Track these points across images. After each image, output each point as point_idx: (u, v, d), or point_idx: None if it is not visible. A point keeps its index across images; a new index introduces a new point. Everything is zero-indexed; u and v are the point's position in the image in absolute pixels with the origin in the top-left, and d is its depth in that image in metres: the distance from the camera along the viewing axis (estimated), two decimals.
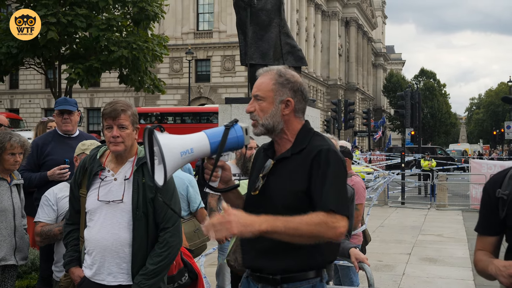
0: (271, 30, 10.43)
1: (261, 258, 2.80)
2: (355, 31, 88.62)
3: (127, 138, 3.54)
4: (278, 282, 2.80)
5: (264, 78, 2.83)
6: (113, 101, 3.65)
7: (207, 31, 53.68)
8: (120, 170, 3.60)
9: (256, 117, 2.79)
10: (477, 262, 2.87)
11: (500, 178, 2.82)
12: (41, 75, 36.63)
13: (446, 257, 10.87)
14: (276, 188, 2.75)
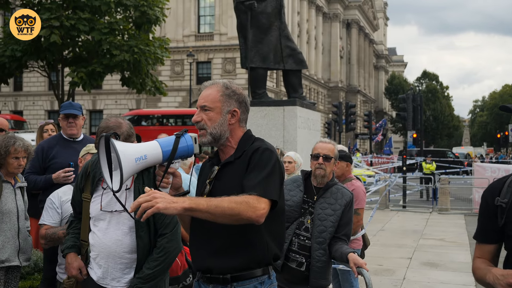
0: (271, 33, 10.47)
1: (212, 258, 2.92)
2: (356, 33, 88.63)
3: None
4: (228, 281, 2.92)
5: (210, 90, 3.01)
6: (106, 119, 3.79)
7: (208, 33, 53.76)
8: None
9: (204, 126, 2.94)
10: (475, 270, 2.88)
11: (499, 186, 2.82)
12: (44, 77, 36.78)
13: (448, 262, 10.83)
14: (221, 190, 2.85)
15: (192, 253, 3.07)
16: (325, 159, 4.53)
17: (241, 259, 2.91)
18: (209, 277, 2.95)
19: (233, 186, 2.85)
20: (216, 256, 2.90)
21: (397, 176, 20.66)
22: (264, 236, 2.94)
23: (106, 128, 3.60)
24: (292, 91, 10.72)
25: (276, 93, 52.39)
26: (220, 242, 2.88)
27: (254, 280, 2.95)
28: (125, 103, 53.69)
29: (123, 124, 3.70)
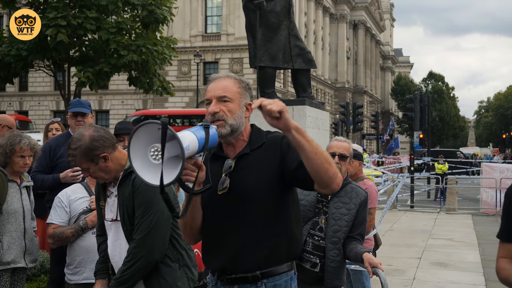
0: (280, 33, 10.38)
1: (235, 257, 2.80)
2: (363, 34, 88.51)
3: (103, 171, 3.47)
4: (259, 278, 2.81)
5: (226, 82, 2.90)
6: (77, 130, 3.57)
7: (215, 33, 53.77)
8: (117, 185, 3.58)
9: (223, 117, 2.81)
10: (500, 270, 2.79)
11: None
12: (50, 77, 36.77)
13: (457, 262, 10.77)
14: (241, 184, 2.79)
15: (207, 255, 2.95)
16: (341, 158, 4.46)
17: (269, 255, 2.82)
18: (233, 278, 2.83)
19: (259, 175, 2.80)
20: (240, 254, 2.79)
21: (405, 176, 20.57)
22: (292, 226, 2.91)
23: (70, 140, 3.45)
24: (301, 91, 10.64)
25: (284, 93, 52.30)
26: (247, 239, 2.78)
27: (284, 275, 2.89)
28: (131, 103, 53.70)
29: (84, 138, 3.41)
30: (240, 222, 2.76)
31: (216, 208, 2.83)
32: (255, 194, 2.77)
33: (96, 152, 3.40)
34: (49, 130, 6.99)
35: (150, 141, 2.40)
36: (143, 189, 3.39)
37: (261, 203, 2.79)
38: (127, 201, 3.43)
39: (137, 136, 2.40)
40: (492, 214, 18.26)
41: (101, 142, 3.43)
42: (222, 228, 2.83)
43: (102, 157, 3.41)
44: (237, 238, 2.79)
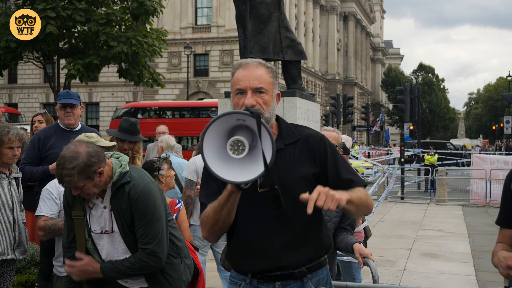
0: (271, 24, 10.35)
1: (282, 255, 2.72)
2: (353, 25, 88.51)
3: (96, 186, 3.38)
4: (305, 274, 2.77)
5: (260, 71, 2.74)
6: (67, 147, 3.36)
7: (206, 25, 53.58)
8: (106, 197, 3.48)
9: (260, 110, 2.63)
10: (493, 254, 2.88)
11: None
12: (39, 69, 36.57)
13: (447, 253, 10.82)
14: (287, 180, 2.67)
15: (243, 256, 2.80)
16: None
17: (313, 249, 2.80)
18: (276, 275, 2.73)
19: (297, 176, 2.71)
20: (285, 253, 2.72)
21: (395, 167, 20.62)
22: (323, 221, 2.94)
23: (62, 158, 3.28)
24: (291, 82, 10.63)
25: None
26: (290, 235, 2.71)
27: (324, 268, 2.88)
28: (121, 95, 53.50)
29: (81, 155, 3.27)
30: (283, 221, 2.67)
31: (255, 207, 2.69)
32: (297, 192, 2.58)
33: (93, 168, 3.29)
34: (33, 122, 6.99)
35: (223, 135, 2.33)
36: (142, 201, 3.37)
37: (299, 201, 2.65)
38: (125, 214, 3.40)
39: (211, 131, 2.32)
40: (482, 205, 18.36)
41: (96, 157, 3.33)
42: (262, 228, 2.72)
43: (98, 172, 3.33)
44: (280, 238, 2.71)
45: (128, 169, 3.47)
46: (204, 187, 2.81)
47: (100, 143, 4.45)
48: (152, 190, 3.46)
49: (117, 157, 3.55)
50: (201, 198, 2.81)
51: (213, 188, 2.73)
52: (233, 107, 2.74)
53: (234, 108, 2.71)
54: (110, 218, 3.45)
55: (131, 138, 5.67)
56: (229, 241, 2.87)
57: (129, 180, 3.40)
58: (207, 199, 2.74)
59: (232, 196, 2.55)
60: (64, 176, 3.26)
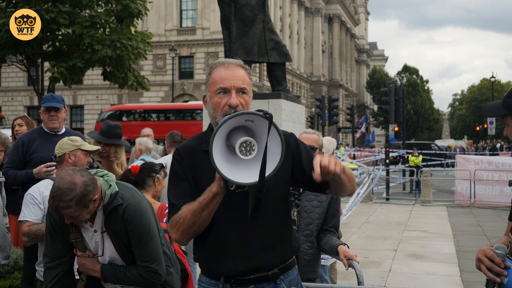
0: (256, 26, 10.36)
1: (257, 256, 2.70)
2: (338, 27, 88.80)
3: (89, 213, 3.34)
4: (278, 275, 2.76)
5: (241, 71, 2.74)
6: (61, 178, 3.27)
7: (191, 28, 53.53)
8: (96, 220, 3.42)
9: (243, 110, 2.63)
10: None
11: None
12: (23, 72, 36.32)
13: (432, 253, 10.87)
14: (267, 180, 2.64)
15: (217, 259, 2.73)
16: None
17: (284, 250, 2.80)
18: (251, 278, 2.71)
19: (276, 176, 2.58)
20: (260, 254, 2.69)
21: (380, 169, 20.70)
22: (291, 221, 2.95)
23: (58, 190, 3.20)
24: (276, 84, 10.65)
25: (259, 87, 52.29)
26: (264, 237, 2.68)
27: (294, 269, 2.88)
28: (106, 98, 53.29)
29: (77, 186, 3.20)
30: (259, 222, 2.62)
31: (230, 208, 2.64)
32: (273, 193, 2.61)
33: (90, 197, 3.24)
34: (13, 126, 6.96)
35: (225, 135, 2.30)
36: (136, 221, 3.35)
37: (277, 203, 2.71)
38: (120, 235, 3.37)
39: (221, 131, 2.27)
40: (466, 205, 18.46)
41: (92, 185, 3.28)
42: (237, 230, 2.68)
43: (93, 200, 3.28)
44: (255, 239, 2.68)
45: (117, 189, 3.41)
46: (173, 187, 2.73)
47: (84, 147, 4.43)
48: (144, 208, 3.43)
49: (101, 176, 3.48)
50: (171, 199, 2.71)
51: (184, 189, 2.69)
52: (213, 106, 2.70)
53: (215, 108, 2.69)
54: (102, 241, 3.43)
55: (106, 141, 5.62)
56: (199, 244, 2.77)
57: (121, 201, 3.35)
58: (179, 200, 2.67)
59: (216, 197, 2.50)
60: (62, 208, 3.20)
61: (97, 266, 3.47)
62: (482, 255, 2.64)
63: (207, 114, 2.81)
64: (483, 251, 2.66)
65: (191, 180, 2.71)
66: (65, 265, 3.53)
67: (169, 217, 2.73)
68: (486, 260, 2.62)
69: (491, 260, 2.61)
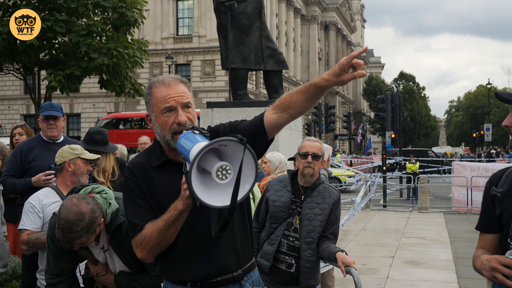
0: (252, 34, 10.41)
1: (222, 260, 2.75)
2: (334, 35, 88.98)
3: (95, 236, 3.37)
4: (242, 276, 2.80)
5: (182, 86, 2.75)
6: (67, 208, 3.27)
7: (187, 36, 53.56)
8: (101, 239, 3.46)
9: (192, 125, 2.67)
10: (473, 259, 2.90)
11: (498, 176, 2.86)
12: (20, 80, 36.31)
13: (430, 260, 10.89)
14: None
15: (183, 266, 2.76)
16: (314, 158, 4.48)
17: (247, 252, 2.86)
18: (217, 281, 2.74)
19: None
20: (225, 258, 2.75)
21: (377, 176, 20.71)
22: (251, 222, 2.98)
23: (67, 222, 3.19)
24: (273, 92, 10.68)
25: (256, 94, 52.33)
26: (229, 239, 2.74)
27: (255, 270, 2.93)
28: (103, 106, 53.25)
29: (86, 215, 3.24)
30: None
31: (194, 218, 2.67)
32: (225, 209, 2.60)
33: (96, 222, 3.29)
34: (13, 135, 6.94)
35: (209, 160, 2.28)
36: None
37: (239, 209, 2.76)
38: (127, 249, 3.32)
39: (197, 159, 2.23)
40: (463, 212, 18.49)
41: (98, 211, 3.32)
42: (200, 238, 2.72)
43: (99, 224, 3.32)
44: (218, 244, 2.73)
45: (116, 205, 3.43)
46: (132, 206, 2.72)
47: (84, 155, 4.44)
48: None
49: (98, 193, 3.48)
50: (131, 218, 2.69)
51: (143, 207, 2.69)
52: (161, 126, 2.71)
53: (163, 127, 2.69)
54: (111, 259, 3.46)
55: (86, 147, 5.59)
56: (161, 255, 2.75)
57: (123, 219, 3.35)
58: (140, 219, 2.66)
59: (182, 215, 2.51)
60: (73, 239, 3.23)
61: (110, 278, 3.50)
62: (496, 264, 2.58)
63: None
64: (496, 259, 2.60)
65: (149, 197, 2.71)
66: (66, 282, 3.55)
67: (131, 236, 2.71)
68: (503, 268, 2.56)
69: (509, 267, 2.54)
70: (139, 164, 2.79)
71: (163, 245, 2.65)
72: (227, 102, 11.17)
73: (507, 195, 2.74)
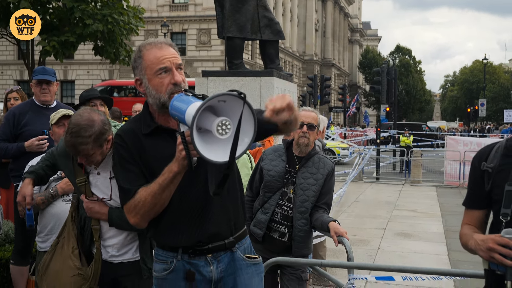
0: (249, 3, 10.30)
1: (213, 227, 2.75)
2: (332, 6, 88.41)
3: (102, 154, 3.34)
4: (233, 244, 2.82)
5: (173, 49, 2.78)
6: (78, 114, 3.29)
7: (183, 3, 53.13)
8: (103, 165, 3.41)
9: (184, 87, 2.68)
10: (461, 236, 2.86)
11: (487, 152, 2.83)
12: (13, 45, 35.99)
13: (421, 232, 10.97)
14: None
15: (174, 232, 2.76)
16: (309, 128, 4.46)
17: (238, 219, 2.86)
18: (208, 248, 2.76)
19: None
20: (216, 225, 2.75)
21: (371, 148, 20.76)
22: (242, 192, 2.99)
23: (77, 126, 3.21)
24: (269, 62, 10.62)
25: (252, 65, 52.13)
26: (220, 207, 2.75)
27: (247, 237, 2.95)
28: (97, 73, 52.99)
29: (96, 123, 3.25)
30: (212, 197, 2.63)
31: (187, 183, 2.66)
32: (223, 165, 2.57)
33: (105, 136, 3.27)
34: (8, 99, 6.88)
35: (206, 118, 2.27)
36: None
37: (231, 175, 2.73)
38: None
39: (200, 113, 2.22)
40: (455, 186, 18.59)
41: (108, 125, 3.32)
42: (192, 203, 2.73)
43: (108, 140, 3.29)
44: (210, 211, 2.73)
45: None
46: (123, 172, 2.71)
47: (53, 121, 4.44)
48: None
49: (114, 126, 3.54)
50: (123, 184, 2.69)
51: (135, 172, 2.69)
52: (155, 88, 2.70)
53: (158, 89, 2.68)
54: (110, 185, 3.41)
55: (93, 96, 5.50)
56: (153, 221, 2.73)
57: None
58: (132, 184, 2.66)
59: (177, 177, 2.51)
60: (79, 144, 3.21)
61: (104, 209, 3.44)
62: (493, 244, 2.54)
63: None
64: (492, 239, 2.56)
65: (140, 163, 2.70)
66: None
67: (123, 202, 2.70)
68: (500, 248, 2.52)
69: (506, 246, 2.51)
70: (129, 130, 2.79)
71: (157, 209, 2.64)
72: (222, 71, 11.10)
73: (498, 170, 2.72)
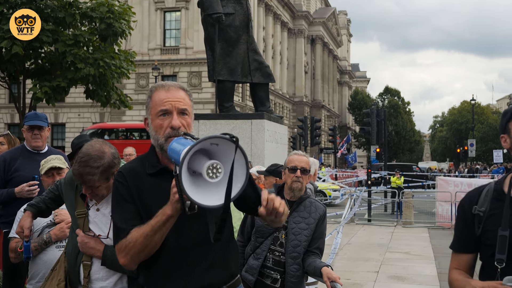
0: (239, 47, 10.43)
1: (208, 274, 2.70)
2: (320, 49, 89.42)
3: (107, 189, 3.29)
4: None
5: (182, 93, 2.78)
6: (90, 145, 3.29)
7: (174, 47, 53.57)
8: (104, 201, 3.36)
9: (186, 131, 2.67)
10: (452, 282, 2.82)
11: (477, 195, 2.80)
12: (5, 89, 36.06)
13: (414, 275, 10.89)
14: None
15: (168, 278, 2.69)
16: (303, 172, 4.45)
17: (232, 267, 2.83)
18: None
19: None
20: (210, 272, 2.70)
21: (362, 190, 20.75)
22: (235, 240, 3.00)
23: (86, 155, 3.20)
24: (259, 105, 10.69)
25: (242, 107, 52.38)
26: (214, 254, 2.70)
27: (240, 286, 2.89)
28: (88, 116, 53.01)
29: (106, 155, 3.23)
30: (210, 242, 2.55)
31: (182, 229, 2.62)
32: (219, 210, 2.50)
33: (113, 169, 3.23)
34: None
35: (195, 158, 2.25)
36: None
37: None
38: None
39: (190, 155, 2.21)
40: (447, 227, 18.55)
41: (118, 159, 3.29)
42: (189, 249, 2.68)
43: (114, 173, 3.22)
44: (206, 258, 2.69)
45: None
46: (119, 210, 2.68)
47: (43, 171, 4.43)
48: None
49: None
50: (118, 223, 2.65)
51: (131, 212, 2.65)
52: (155, 129, 2.71)
53: (157, 130, 2.70)
54: (110, 223, 3.31)
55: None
56: (145, 267, 2.70)
57: None
58: (127, 223, 2.62)
59: (170, 220, 2.47)
60: (87, 174, 3.18)
61: (100, 246, 3.33)
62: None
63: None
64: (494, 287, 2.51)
65: (138, 203, 2.67)
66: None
67: (116, 241, 2.66)
68: None
69: None
70: (131, 169, 2.77)
71: (147, 252, 2.59)
72: (213, 114, 11.15)
73: (489, 214, 2.69)
